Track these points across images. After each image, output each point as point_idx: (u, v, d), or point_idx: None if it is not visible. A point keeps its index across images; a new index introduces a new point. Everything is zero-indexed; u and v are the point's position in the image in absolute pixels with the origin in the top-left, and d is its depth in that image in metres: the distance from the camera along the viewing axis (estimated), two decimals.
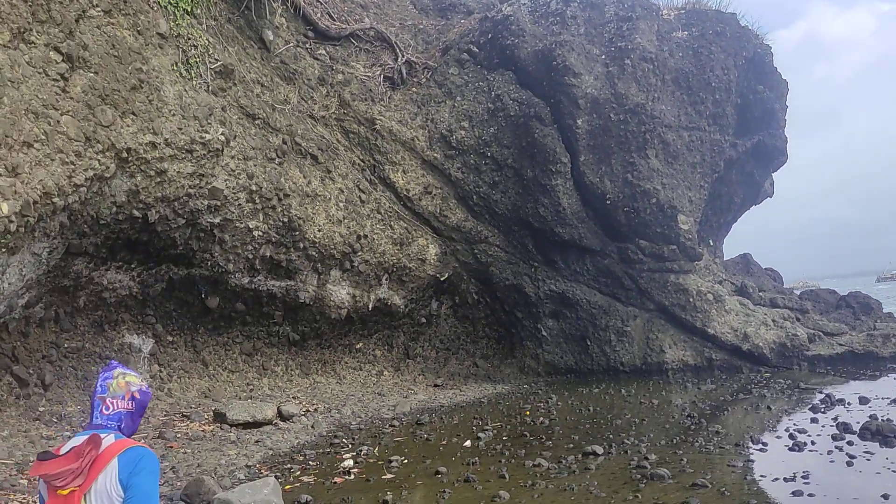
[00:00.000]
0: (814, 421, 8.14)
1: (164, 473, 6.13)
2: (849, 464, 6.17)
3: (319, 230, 11.50)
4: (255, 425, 8.29)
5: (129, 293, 9.33)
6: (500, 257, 13.88)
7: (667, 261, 12.61)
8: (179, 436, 7.59)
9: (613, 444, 7.31)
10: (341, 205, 12.04)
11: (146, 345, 9.87)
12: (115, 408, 2.55)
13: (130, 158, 7.70)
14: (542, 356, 13.81)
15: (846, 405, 8.95)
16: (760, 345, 12.22)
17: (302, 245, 11.00)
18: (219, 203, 9.35)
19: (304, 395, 11.15)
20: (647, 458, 6.52)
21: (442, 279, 14.14)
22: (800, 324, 13.19)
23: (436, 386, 13.17)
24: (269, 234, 10.43)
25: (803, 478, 5.79)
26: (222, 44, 10.69)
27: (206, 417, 8.42)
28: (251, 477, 6.33)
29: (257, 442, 7.77)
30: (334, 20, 14.53)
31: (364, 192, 12.65)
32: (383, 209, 12.85)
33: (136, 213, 8.20)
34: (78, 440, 2.43)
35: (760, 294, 13.91)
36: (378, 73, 14.18)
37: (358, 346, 13.84)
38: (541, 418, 9.13)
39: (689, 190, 12.72)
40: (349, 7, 15.46)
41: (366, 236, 12.30)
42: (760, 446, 7.07)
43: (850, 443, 6.91)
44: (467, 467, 6.69)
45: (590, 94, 12.61)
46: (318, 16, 14.16)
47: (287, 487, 6.06)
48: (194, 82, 9.30)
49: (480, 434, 8.23)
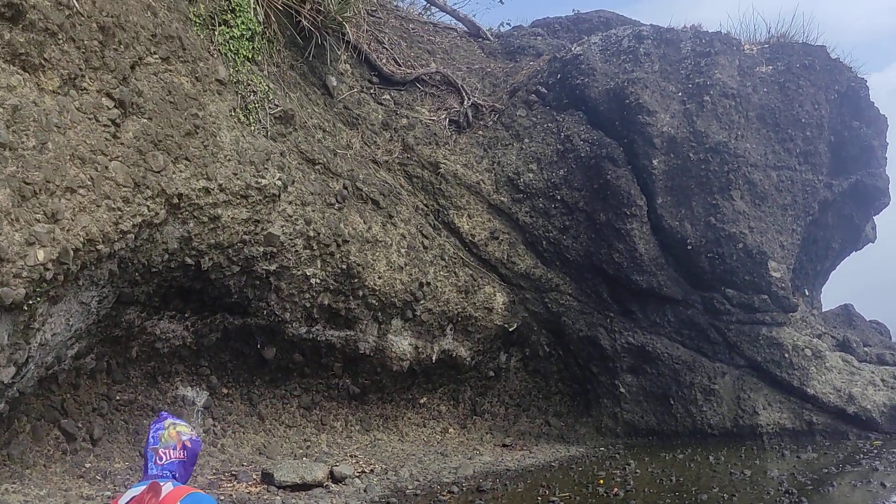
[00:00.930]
0: None
1: None
2: None
3: (380, 277, 11.22)
4: (305, 487, 7.90)
5: (183, 343, 9.21)
6: (573, 307, 13.26)
7: (757, 312, 11.71)
8: (223, 498, 7.27)
9: None
10: (403, 251, 11.75)
11: (200, 397, 9.71)
12: (169, 458, 2.62)
13: (182, 204, 7.62)
14: (620, 415, 12.98)
15: None
16: (868, 407, 11.08)
17: (361, 293, 10.73)
18: (275, 249, 9.20)
19: (362, 454, 10.73)
20: None
21: (510, 330, 13.60)
22: None
23: (504, 446, 12.53)
24: (328, 281, 10.21)
25: None
26: (283, 90, 10.72)
27: (254, 478, 8.09)
28: None
29: None
30: (400, 65, 14.55)
31: (427, 238, 12.35)
32: (447, 255, 12.50)
33: (189, 261, 8.10)
34: (136, 490, 2.48)
35: (865, 350, 12.75)
36: (443, 116, 14.04)
37: (422, 401, 13.37)
38: (615, 489, 8.39)
39: (780, 234, 11.86)
40: (416, 52, 15.50)
41: (428, 283, 11.94)
42: None
43: None
44: None
45: (666, 132, 12.04)
46: (384, 62, 14.20)
47: None
48: (252, 128, 9.28)
49: None
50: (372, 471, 9.51)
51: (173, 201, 7.34)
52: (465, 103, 14.36)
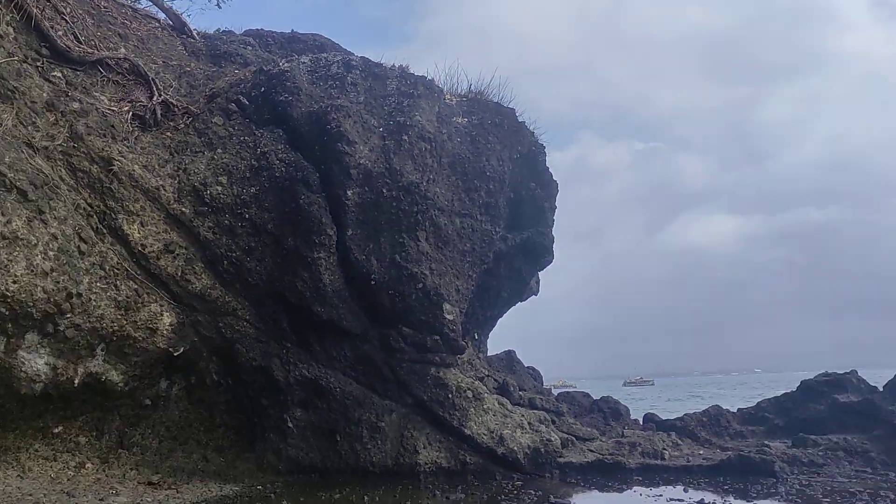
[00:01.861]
0: None
1: None
2: None
3: (15, 282, 9.56)
4: None
5: None
6: (249, 334, 12.60)
7: (429, 352, 12.14)
8: None
9: None
10: (51, 254, 10.18)
11: None
12: None
13: None
14: (284, 451, 12.52)
15: None
16: (515, 449, 11.99)
17: None
18: None
19: None
20: None
21: (176, 354, 12.48)
22: (555, 427, 13.26)
23: (150, 484, 11.32)
24: None
25: None
26: None
27: None
28: None
29: None
30: (80, 43, 12.89)
31: (86, 243, 10.89)
32: (108, 265, 11.13)
33: None
34: None
35: (521, 393, 13.94)
36: (126, 109, 12.67)
37: (56, 431, 11.65)
38: None
39: (458, 278, 12.51)
40: (103, 33, 13.91)
41: (80, 295, 10.47)
42: None
43: None
44: None
45: (363, 165, 12.12)
46: (60, 34, 12.47)
47: None
48: None
49: None
50: None
51: None
52: (155, 99, 13.17)
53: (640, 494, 10.58)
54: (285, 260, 12.29)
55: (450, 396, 12.10)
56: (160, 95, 13.23)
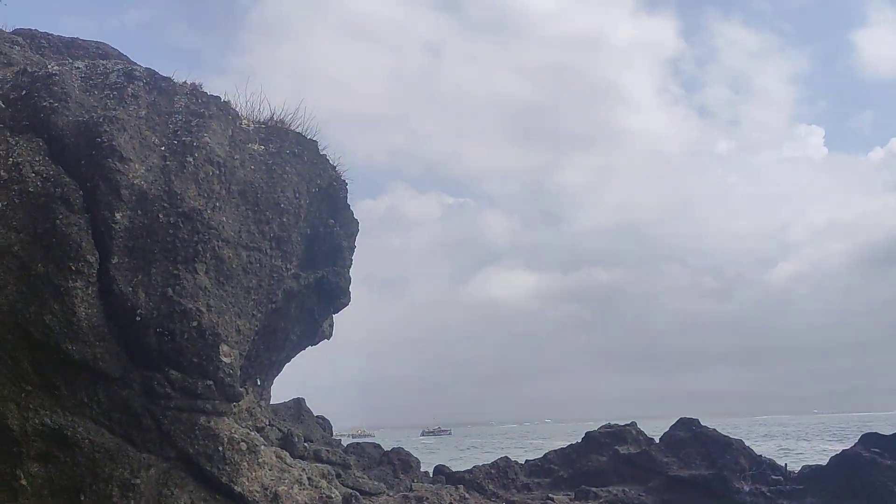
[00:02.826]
0: None
1: None
2: None
3: None
4: None
5: None
6: None
7: (200, 398, 10.88)
8: None
9: None
10: None
11: None
12: None
13: None
14: None
15: None
16: None
17: None
18: None
19: None
20: None
21: None
22: (339, 481, 12.39)
23: None
24: None
25: None
26: None
27: None
28: None
29: None
30: None
31: None
32: None
33: None
34: None
35: (306, 445, 12.97)
36: None
37: None
38: None
39: (240, 317, 11.41)
40: None
41: None
42: None
43: None
44: None
45: (137, 185, 10.83)
46: None
47: None
48: None
49: None
50: None
51: None
52: None
53: None
54: (33, 289, 10.58)
55: (220, 449, 10.86)
56: None
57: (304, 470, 11.83)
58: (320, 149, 13.30)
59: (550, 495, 14.03)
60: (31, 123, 11.33)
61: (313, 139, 13.27)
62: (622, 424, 16.49)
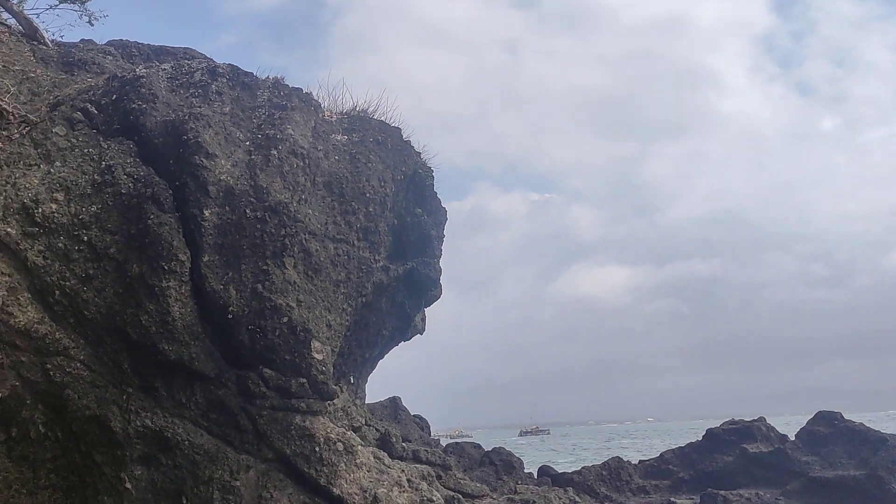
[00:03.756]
0: None
1: None
2: None
3: None
4: None
5: None
6: (83, 377, 10.79)
7: (294, 397, 10.60)
8: None
9: None
10: None
11: None
12: None
13: None
14: None
15: None
16: None
17: None
18: None
19: None
20: None
21: None
22: (440, 483, 11.81)
23: None
24: None
25: None
26: None
27: None
28: None
29: None
30: None
31: None
32: None
33: None
34: None
35: (404, 445, 12.49)
36: None
37: None
38: None
39: (330, 312, 11.07)
40: None
41: None
42: None
43: None
44: None
45: (224, 181, 10.68)
46: None
47: None
48: None
49: None
50: None
51: None
52: None
53: None
54: (129, 290, 10.61)
55: (317, 450, 10.54)
56: None
57: (403, 471, 11.34)
58: (404, 136, 12.83)
59: (672, 499, 12.89)
60: (121, 126, 11.47)
61: (396, 126, 12.84)
62: (748, 420, 15.06)
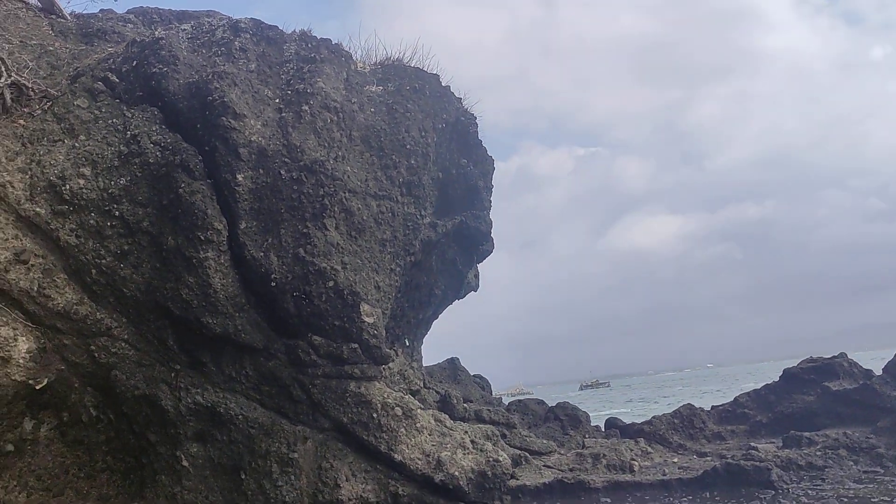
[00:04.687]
0: None
1: None
2: None
3: None
4: None
5: None
6: (129, 356, 10.44)
7: (346, 363, 10.10)
8: None
9: None
10: None
11: None
12: None
13: None
14: (180, 496, 10.33)
15: None
16: (456, 474, 9.97)
17: None
18: None
19: None
20: None
21: (39, 387, 10.24)
22: (505, 442, 11.29)
23: None
24: None
25: None
26: None
27: None
28: None
29: None
30: None
31: None
32: None
33: None
34: None
35: (466, 405, 11.98)
36: None
37: None
38: None
39: (377, 273, 10.48)
40: None
41: None
42: None
43: None
44: None
45: (255, 142, 10.06)
46: None
47: None
48: None
49: None
50: None
51: None
52: (3, 80, 10.90)
53: None
54: (166, 263, 10.15)
55: (374, 416, 10.05)
56: (9, 76, 10.94)
57: (466, 432, 10.81)
58: (442, 82, 11.98)
59: (752, 444, 12.16)
60: (144, 93, 10.92)
61: (434, 73, 11.99)
62: (828, 357, 14.14)
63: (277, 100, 10.66)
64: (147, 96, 10.92)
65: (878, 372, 13.01)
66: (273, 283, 10.05)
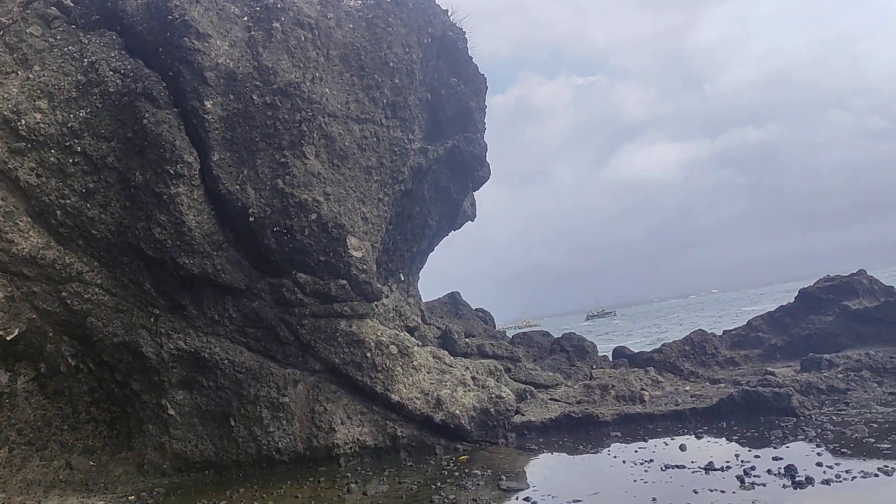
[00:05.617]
0: None
1: None
2: None
3: None
4: None
5: None
6: (104, 302, 9.82)
7: (335, 301, 9.45)
8: None
9: None
10: None
11: None
12: None
13: None
14: (169, 445, 9.85)
15: None
16: (457, 413, 9.39)
17: None
18: None
19: None
20: None
21: (10, 338, 9.68)
22: (510, 376, 10.69)
23: None
24: None
25: None
26: None
27: None
28: None
29: None
30: None
31: None
32: None
33: None
34: None
35: (467, 340, 11.40)
36: None
37: None
38: None
39: (363, 203, 9.70)
40: None
41: None
42: None
43: None
44: None
45: (223, 65, 9.19)
46: None
47: None
48: None
49: None
50: None
51: None
52: None
53: (624, 461, 7.93)
54: (136, 201, 9.44)
55: (368, 355, 9.44)
56: None
57: (467, 368, 10.22)
58: None
59: (768, 368, 11.57)
60: (101, 17, 10.03)
61: None
62: (846, 275, 13.43)
63: (245, 17, 9.70)
64: (104, 19, 9.99)
65: None
66: (251, 218, 9.29)
